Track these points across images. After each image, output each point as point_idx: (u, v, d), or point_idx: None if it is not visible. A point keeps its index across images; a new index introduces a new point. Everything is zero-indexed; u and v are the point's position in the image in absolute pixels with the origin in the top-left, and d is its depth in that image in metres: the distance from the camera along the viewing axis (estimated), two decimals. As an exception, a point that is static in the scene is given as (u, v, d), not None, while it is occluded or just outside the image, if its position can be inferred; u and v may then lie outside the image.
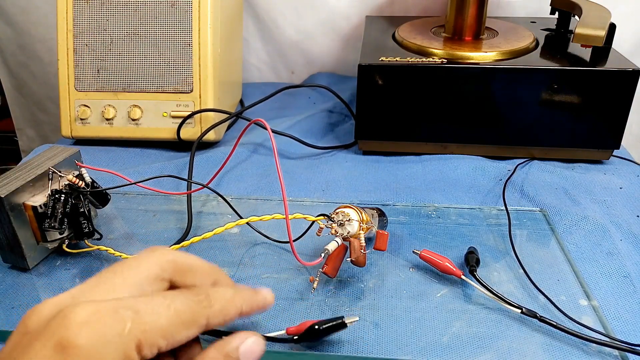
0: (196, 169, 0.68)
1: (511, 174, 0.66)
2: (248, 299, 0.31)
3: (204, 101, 0.71)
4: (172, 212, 0.59)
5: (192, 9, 0.70)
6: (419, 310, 0.45)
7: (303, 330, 0.41)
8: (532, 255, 0.52)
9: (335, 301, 0.46)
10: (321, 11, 0.96)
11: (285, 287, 0.48)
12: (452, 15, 0.74)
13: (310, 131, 0.79)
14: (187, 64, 0.71)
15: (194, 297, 0.28)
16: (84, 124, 0.73)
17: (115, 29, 0.71)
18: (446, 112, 0.68)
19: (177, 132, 0.72)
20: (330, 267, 0.46)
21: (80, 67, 0.72)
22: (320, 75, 0.99)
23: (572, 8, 0.73)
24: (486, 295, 0.46)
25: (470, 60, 0.67)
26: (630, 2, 0.88)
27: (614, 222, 0.57)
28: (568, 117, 0.66)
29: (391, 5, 0.94)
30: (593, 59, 0.67)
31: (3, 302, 0.46)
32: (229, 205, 0.57)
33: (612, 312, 0.45)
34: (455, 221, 0.57)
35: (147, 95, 0.72)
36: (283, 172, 0.63)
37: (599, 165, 0.69)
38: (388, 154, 0.72)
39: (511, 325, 0.44)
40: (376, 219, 0.52)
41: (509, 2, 0.91)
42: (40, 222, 0.48)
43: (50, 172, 0.49)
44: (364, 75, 0.67)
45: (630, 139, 0.93)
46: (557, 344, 0.42)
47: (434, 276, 0.49)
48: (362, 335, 0.43)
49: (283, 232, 0.48)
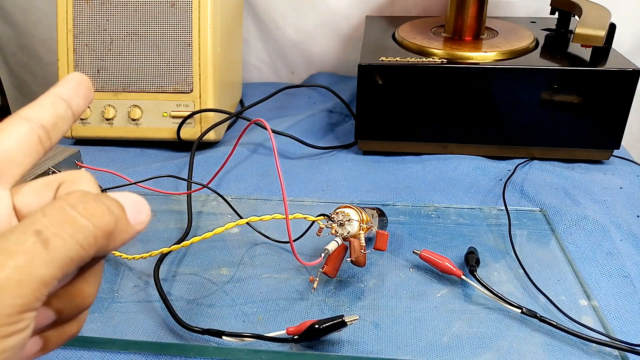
0: (196, 169, 0.68)
1: (511, 174, 0.66)
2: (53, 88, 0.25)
3: (204, 101, 0.71)
4: (172, 212, 0.59)
5: (192, 9, 0.70)
6: (419, 310, 0.45)
7: (303, 330, 0.41)
8: (532, 255, 0.52)
9: (335, 301, 0.46)
10: (321, 11, 0.96)
11: (285, 287, 0.48)
12: (452, 15, 0.74)
13: (310, 131, 0.79)
14: (187, 64, 0.71)
15: None
16: (84, 124, 0.73)
17: (115, 29, 0.71)
18: (446, 112, 0.68)
19: (177, 132, 0.72)
20: (330, 267, 0.46)
21: (80, 67, 0.72)
22: (320, 75, 0.99)
23: (572, 8, 0.73)
24: (486, 295, 0.46)
25: (470, 60, 0.67)
26: (630, 2, 0.88)
27: (614, 222, 0.57)
28: (568, 117, 0.66)
29: (391, 5, 0.94)
30: (593, 59, 0.67)
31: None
32: (229, 205, 0.57)
33: (612, 312, 0.45)
34: (455, 221, 0.57)
35: (147, 95, 0.72)
36: (283, 172, 0.63)
37: (599, 165, 0.69)
38: (388, 154, 0.72)
39: (511, 325, 0.44)
40: (376, 219, 0.52)
41: (509, 2, 0.91)
42: (40, 222, 0.48)
43: (50, 172, 0.49)
44: (364, 75, 0.67)
45: (630, 139, 0.93)
46: (557, 344, 0.42)
47: (434, 276, 0.49)
48: (362, 335, 0.43)
49: (283, 232, 0.48)
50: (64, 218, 0.21)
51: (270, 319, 0.44)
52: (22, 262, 0.19)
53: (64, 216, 0.21)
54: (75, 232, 0.21)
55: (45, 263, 0.20)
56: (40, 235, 0.20)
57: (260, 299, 0.47)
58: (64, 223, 0.21)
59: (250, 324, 0.44)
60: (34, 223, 0.20)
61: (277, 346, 0.41)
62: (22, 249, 0.20)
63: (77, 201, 0.22)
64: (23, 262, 0.19)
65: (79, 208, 0.21)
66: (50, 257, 0.20)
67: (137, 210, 0.25)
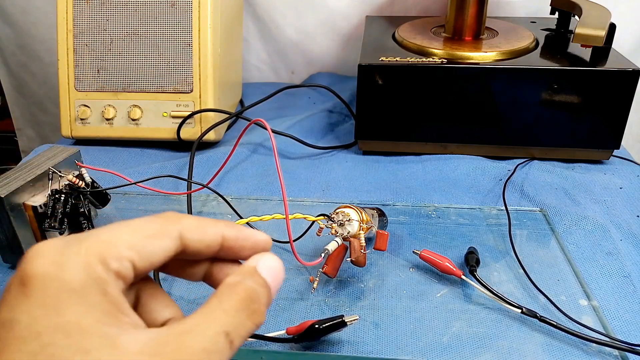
0: (196, 169, 0.68)
1: (511, 174, 0.66)
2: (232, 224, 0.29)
3: (204, 101, 0.71)
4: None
5: (192, 9, 0.70)
6: (419, 310, 0.45)
7: (303, 330, 0.41)
8: (532, 255, 0.52)
9: (335, 301, 0.46)
10: (321, 11, 0.96)
11: (285, 287, 0.48)
12: (452, 15, 0.74)
13: (310, 131, 0.79)
14: (187, 64, 0.71)
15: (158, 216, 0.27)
16: (84, 124, 0.73)
17: (115, 29, 0.71)
18: (446, 112, 0.68)
19: (177, 132, 0.72)
20: (330, 267, 0.46)
21: (80, 67, 0.72)
22: (320, 75, 0.99)
23: (572, 8, 0.73)
24: (486, 295, 0.46)
25: (470, 60, 0.67)
26: (630, 2, 0.88)
27: (614, 222, 0.57)
28: (568, 117, 0.66)
29: (391, 5, 0.94)
30: (593, 59, 0.67)
31: (3, 302, 0.46)
32: (229, 205, 0.57)
33: (612, 312, 0.45)
34: (455, 221, 0.57)
35: (147, 95, 0.72)
36: (283, 172, 0.63)
37: (599, 165, 0.69)
38: (388, 154, 0.72)
39: (511, 325, 0.44)
40: (376, 219, 0.52)
41: (509, 2, 0.91)
42: (40, 222, 0.48)
43: (50, 172, 0.49)
44: (364, 75, 0.67)
45: (630, 139, 0.93)
46: (557, 344, 0.42)
47: (434, 276, 0.49)
48: (362, 335, 0.43)
49: (283, 232, 0.48)
50: (241, 321, 0.25)
51: (270, 319, 0.44)
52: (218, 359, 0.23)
53: (241, 319, 0.25)
54: (247, 333, 0.25)
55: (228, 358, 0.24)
56: (228, 337, 0.24)
57: (260, 299, 0.47)
58: (242, 326, 0.25)
59: (250, 324, 0.44)
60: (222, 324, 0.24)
61: (277, 346, 0.41)
62: (217, 349, 0.23)
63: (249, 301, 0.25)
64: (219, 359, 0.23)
65: (251, 309, 0.25)
66: (231, 353, 0.24)
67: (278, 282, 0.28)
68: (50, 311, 0.22)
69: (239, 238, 0.28)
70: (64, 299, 0.22)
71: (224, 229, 0.28)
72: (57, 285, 0.22)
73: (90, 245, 0.24)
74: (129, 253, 0.24)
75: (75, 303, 0.22)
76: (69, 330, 0.21)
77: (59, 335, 0.21)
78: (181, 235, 0.26)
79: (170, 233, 0.26)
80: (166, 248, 0.25)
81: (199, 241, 0.27)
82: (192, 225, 0.27)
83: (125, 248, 0.24)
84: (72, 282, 0.22)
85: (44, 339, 0.21)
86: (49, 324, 0.21)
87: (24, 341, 0.21)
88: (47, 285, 0.22)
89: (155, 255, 0.25)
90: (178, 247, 0.26)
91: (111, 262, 0.23)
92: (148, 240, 0.25)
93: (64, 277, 0.22)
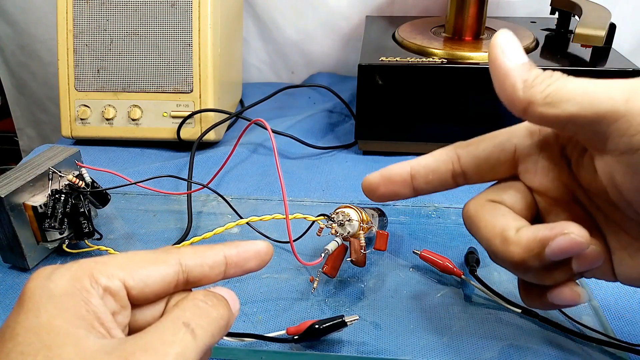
0: (196, 169, 0.68)
1: (511, 174, 0.66)
2: (229, 242, 0.30)
3: (204, 101, 0.71)
4: (172, 212, 0.59)
5: (192, 9, 0.70)
6: (419, 310, 0.45)
7: (303, 330, 0.41)
8: (532, 255, 0.52)
9: (335, 301, 0.46)
10: (321, 11, 0.96)
11: (285, 287, 0.48)
12: (452, 15, 0.74)
13: (310, 131, 0.79)
14: (187, 64, 0.71)
15: (156, 249, 0.29)
16: (84, 124, 0.73)
17: (115, 29, 0.71)
18: (446, 112, 0.68)
19: (177, 132, 0.72)
20: (330, 267, 0.46)
21: (80, 67, 0.72)
22: (320, 75, 0.99)
23: (572, 8, 0.73)
24: (486, 295, 0.46)
25: (470, 60, 0.67)
26: (630, 2, 0.88)
27: (614, 222, 0.57)
28: (568, 117, 0.66)
29: (391, 5, 0.94)
30: (593, 59, 0.67)
31: (3, 302, 0.46)
32: (229, 205, 0.57)
33: (612, 312, 0.45)
34: (455, 221, 0.57)
35: (147, 95, 0.72)
36: (283, 172, 0.63)
37: (599, 165, 0.69)
38: (388, 154, 0.72)
39: (511, 325, 0.43)
40: (376, 219, 0.52)
41: (509, 2, 0.91)
42: (40, 222, 0.48)
43: (50, 172, 0.49)
44: (364, 75, 0.67)
45: (630, 139, 0.93)
46: (557, 344, 0.42)
47: (434, 276, 0.49)
48: (362, 335, 0.43)
49: (283, 232, 0.48)
50: (199, 312, 0.26)
51: (270, 319, 0.44)
52: (180, 349, 0.24)
53: (199, 310, 0.26)
54: (209, 324, 0.26)
55: (194, 349, 0.24)
56: (188, 327, 0.25)
57: (260, 299, 0.47)
58: (201, 316, 0.26)
59: (250, 324, 0.44)
60: (179, 317, 0.25)
61: (277, 346, 0.41)
62: (178, 339, 0.24)
63: (204, 297, 0.27)
64: (180, 349, 0.24)
65: (209, 303, 0.26)
66: (196, 344, 0.24)
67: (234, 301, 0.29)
68: (30, 314, 0.24)
69: (240, 252, 0.29)
70: (44, 303, 0.24)
71: (223, 248, 0.29)
72: (41, 292, 0.24)
73: (83, 263, 0.26)
74: (119, 272, 0.26)
75: (52, 307, 0.24)
76: (39, 330, 0.23)
77: (30, 334, 0.23)
78: (181, 262, 0.28)
79: (167, 260, 0.28)
80: (163, 272, 0.27)
81: (201, 265, 0.28)
82: (190, 252, 0.28)
83: (117, 268, 0.26)
84: (55, 289, 0.24)
85: (19, 338, 0.23)
86: (26, 326, 0.23)
87: (4, 343, 0.23)
88: (34, 294, 0.24)
89: (151, 278, 0.27)
90: (179, 273, 0.28)
91: (100, 278, 0.25)
92: (142, 264, 0.27)
93: (49, 285, 0.25)
